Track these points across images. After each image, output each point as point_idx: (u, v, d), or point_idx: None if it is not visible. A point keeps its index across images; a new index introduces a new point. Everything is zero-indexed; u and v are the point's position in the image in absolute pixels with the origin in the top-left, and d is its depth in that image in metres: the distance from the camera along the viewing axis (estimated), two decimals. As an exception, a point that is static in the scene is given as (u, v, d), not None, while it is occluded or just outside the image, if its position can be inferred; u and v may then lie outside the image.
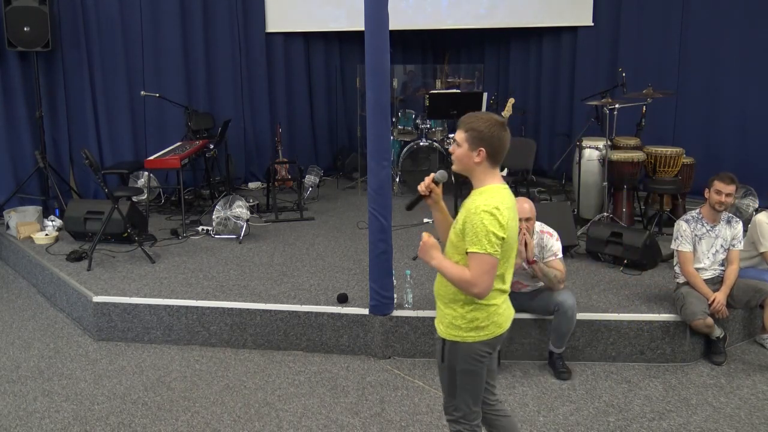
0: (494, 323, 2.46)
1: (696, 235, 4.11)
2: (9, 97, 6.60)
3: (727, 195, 4.00)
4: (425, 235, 2.50)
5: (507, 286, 2.52)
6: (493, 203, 2.32)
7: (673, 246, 4.18)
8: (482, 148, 2.39)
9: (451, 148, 2.50)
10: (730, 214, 4.20)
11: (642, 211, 6.27)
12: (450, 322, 2.48)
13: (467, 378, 2.49)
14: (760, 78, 6.62)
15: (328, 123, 8.99)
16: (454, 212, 5.53)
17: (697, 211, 4.18)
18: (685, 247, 4.09)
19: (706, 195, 4.10)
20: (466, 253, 2.35)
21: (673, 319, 4.06)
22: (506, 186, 2.47)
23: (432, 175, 2.56)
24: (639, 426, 3.41)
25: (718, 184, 4.03)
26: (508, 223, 2.35)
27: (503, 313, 2.50)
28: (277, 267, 5.13)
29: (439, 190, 2.58)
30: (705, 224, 4.11)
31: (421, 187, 2.55)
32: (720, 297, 3.97)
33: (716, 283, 4.12)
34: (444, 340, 2.50)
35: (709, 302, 3.96)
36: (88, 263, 5.07)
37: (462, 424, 2.56)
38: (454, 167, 2.51)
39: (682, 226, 4.12)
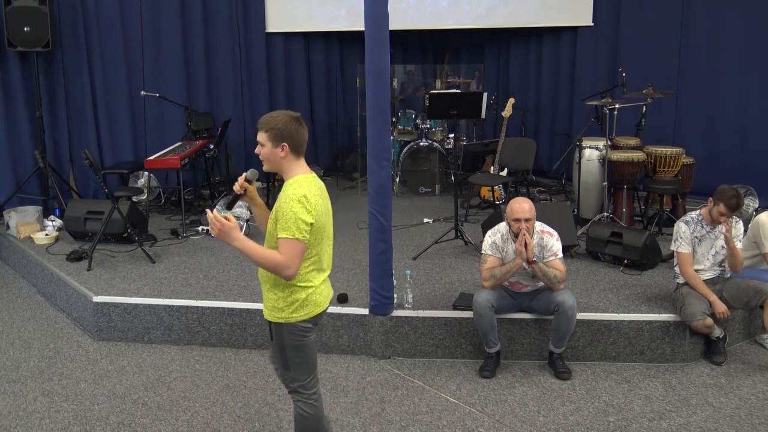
0: (313, 302, 2.68)
1: (696, 237, 4.10)
2: (9, 97, 6.59)
3: (730, 216, 4.00)
4: (224, 217, 2.53)
5: (325, 267, 2.75)
6: (301, 192, 2.54)
7: (672, 247, 4.18)
8: (284, 143, 2.59)
9: (256, 150, 2.66)
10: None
11: (642, 211, 6.27)
12: (273, 305, 2.67)
13: (296, 353, 2.71)
14: (760, 78, 6.62)
15: (328, 123, 8.99)
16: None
17: (698, 212, 4.17)
18: (685, 249, 4.09)
19: (709, 204, 4.06)
20: (278, 238, 2.54)
21: (673, 319, 4.06)
22: (314, 174, 2.70)
23: (244, 174, 2.73)
24: (639, 426, 3.41)
25: (723, 209, 3.96)
26: (316, 208, 2.58)
27: (321, 293, 2.72)
28: (277, 267, 5.12)
29: (252, 187, 2.77)
30: (705, 226, 4.10)
31: (237, 187, 2.71)
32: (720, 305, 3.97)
33: (716, 283, 4.12)
34: (270, 323, 2.70)
35: (714, 308, 3.95)
36: (88, 263, 5.07)
37: (300, 394, 2.77)
38: (264, 167, 2.69)
39: (681, 228, 4.12)
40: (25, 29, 6.32)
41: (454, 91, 7.79)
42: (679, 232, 4.12)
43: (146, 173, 6.89)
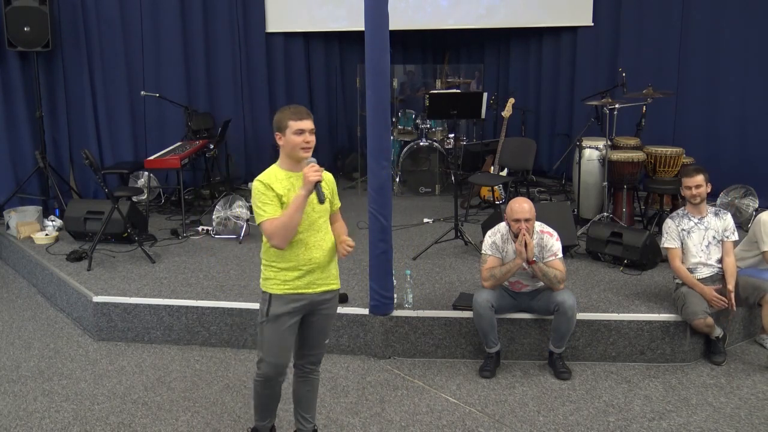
0: None
1: (683, 230, 4.13)
2: (9, 97, 6.59)
3: (696, 186, 4.06)
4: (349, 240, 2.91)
5: None
6: None
7: (661, 245, 4.22)
8: None
9: (310, 138, 2.77)
10: (717, 207, 4.25)
11: (642, 211, 6.28)
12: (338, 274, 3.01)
13: None
14: (760, 78, 6.62)
15: (328, 123, 8.99)
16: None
17: (683, 208, 4.24)
18: (671, 244, 4.13)
19: (683, 194, 4.19)
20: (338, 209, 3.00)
21: (673, 319, 4.06)
22: None
23: (312, 162, 2.74)
24: (639, 426, 3.41)
25: (684, 180, 4.12)
26: None
27: None
28: (277, 267, 5.12)
29: None
30: (692, 218, 4.15)
31: (318, 175, 2.71)
32: (729, 287, 3.99)
33: (716, 281, 4.12)
34: (337, 291, 3.01)
35: (708, 298, 3.97)
36: (88, 263, 5.07)
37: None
38: (310, 154, 2.80)
39: (667, 223, 4.19)
40: (25, 29, 6.32)
41: (454, 91, 7.80)
42: (666, 228, 4.18)
43: (146, 173, 6.89)
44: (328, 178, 2.90)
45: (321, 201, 2.76)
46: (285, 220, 2.70)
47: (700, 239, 4.13)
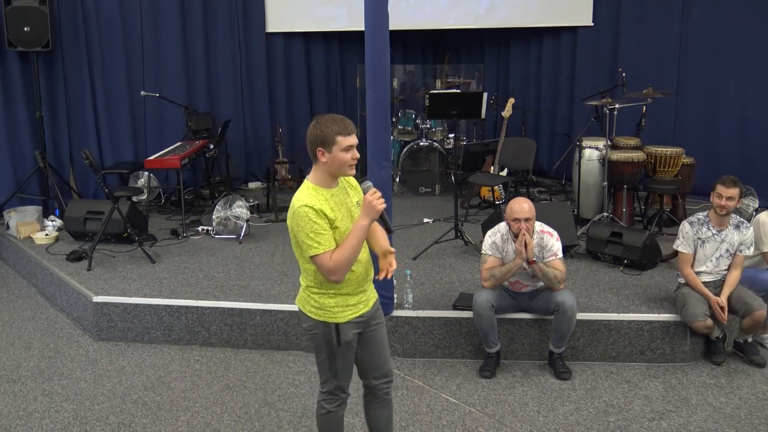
0: None
1: (699, 238, 4.08)
2: (9, 97, 6.60)
3: (728, 198, 3.93)
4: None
5: None
6: None
7: (674, 246, 4.18)
8: None
9: (357, 154, 2.54)
10: (741, 219, 4.11)
11: (642, 211, 6.27)
12: None
13: None
14: (760, 78, 6.62)
15: (328, 123, 8.96)
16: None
17: (705, 213, 4.13)
18: (685, 249, 4.09)
19: (712, 199, 4.05)
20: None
21: (673, 319, 4.06)
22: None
23: (372, 188, 2.56)
24: (639, 426, 3.41)
25: (719, 188, 3.97)
26: None
27: None
28: (277, 267, 5.13)
29: None
30: (711, 228, 4.07)
31: (383, 203, 2.54)
32: (722, 300, 3.95)
33: (717, 286, 4.08)
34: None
35: (711, 305, 3.95)
36: (88, 263, 5.07)
37: None
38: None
39: (685, 227, 4.12)
40: (25, 29, 6.32)
41: (454, 91, 7.80)
42: (682, 232, 4.12)
43: (146, 173, 6.89)
44: (355, 185, 2.71)
45: (390, 231, 2.55)
46: (349, 256, 2.46)
47: (713, 251, 4.07)
